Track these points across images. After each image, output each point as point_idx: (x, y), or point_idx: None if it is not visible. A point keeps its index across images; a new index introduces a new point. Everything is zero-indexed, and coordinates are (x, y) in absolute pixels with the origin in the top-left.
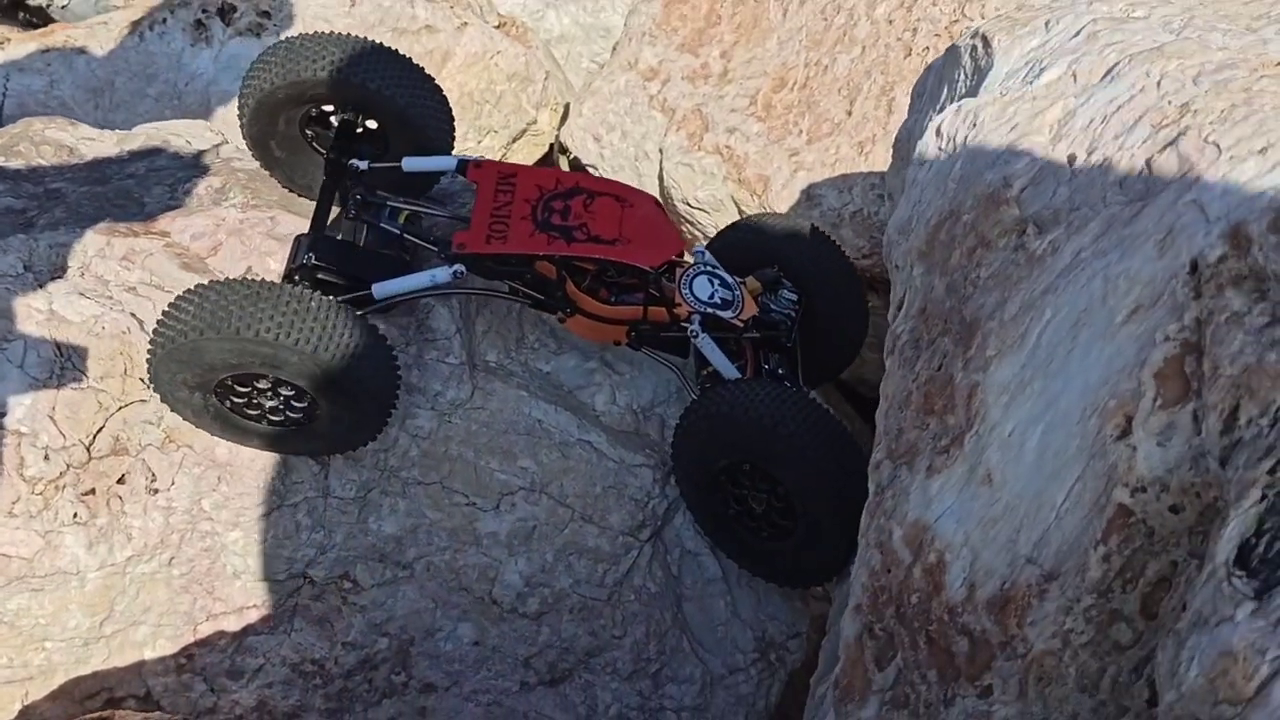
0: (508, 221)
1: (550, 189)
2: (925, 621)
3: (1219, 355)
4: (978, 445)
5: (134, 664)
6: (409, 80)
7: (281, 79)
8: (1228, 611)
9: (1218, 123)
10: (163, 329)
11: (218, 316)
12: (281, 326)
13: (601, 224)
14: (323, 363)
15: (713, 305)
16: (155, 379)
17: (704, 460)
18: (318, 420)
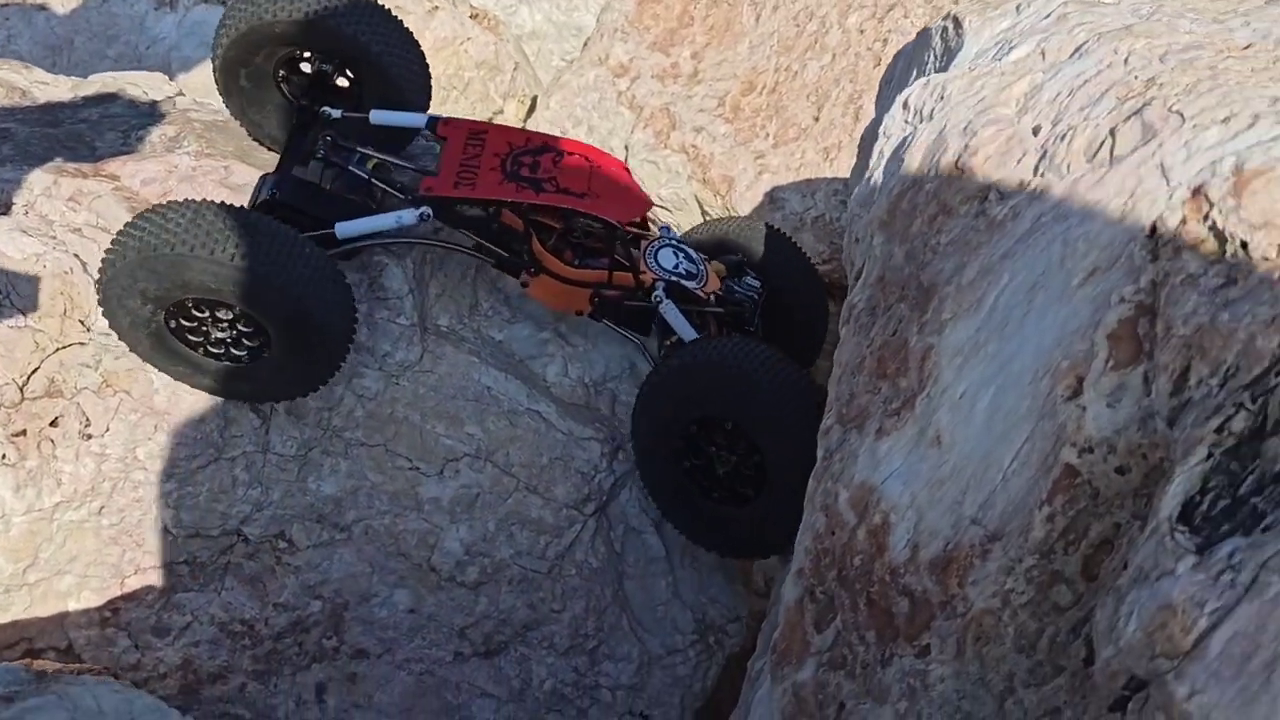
0: (476, 170)
1: (520, 145)
2: (867, 583)
3: (1172, 316)
4: (929, 407)
5: (56, 615)
6: (390, 33)
7: (268, 13)
8: (1169, 566)
9: (1183, 94)
10: (145, 234)
11: (213, 239)
12: (272, 260)
13: (570, 179)
14: (282, 290)
15: (677, 275)
16: (114, 279)
17: (685, 408)
18: (262, 362)
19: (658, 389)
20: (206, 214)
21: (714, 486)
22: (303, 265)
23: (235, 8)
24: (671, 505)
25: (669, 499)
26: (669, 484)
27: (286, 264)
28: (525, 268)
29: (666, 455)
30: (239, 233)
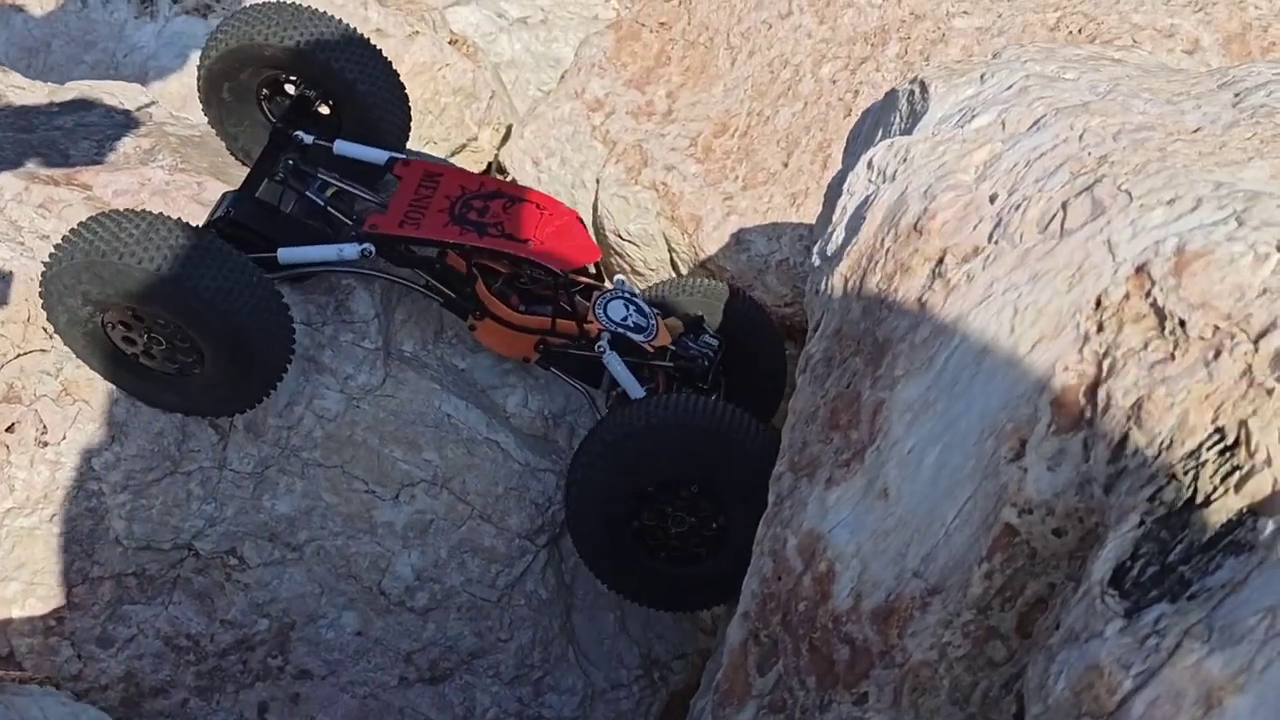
0: (424, 211)
1: (474, 189)
2: (810, 629)
3: (1113, 387)
4: (878, 460)
5: (0, 621)
6: (376, 73)
7: (261, 35)
8: (1098, 628)
9: (1132, 174)
10: (96, 238)
11: (159, 253)
12: (211, 279)
13: (517, 225)
14: (218, 309)
15: (624, 327)
16: (57, 277)
17: (645, 470)
18: (194, 377)
19: (612, 449)
20: (159, 228)
21: (663, 547)
22: (241, 287)
23: (230, 24)
24: (611, 565)
25: (607, 559)
26: (610, 544)
27: (224, 284)
28: (470, 311)
29: (613, 516)
30: (185, 249)
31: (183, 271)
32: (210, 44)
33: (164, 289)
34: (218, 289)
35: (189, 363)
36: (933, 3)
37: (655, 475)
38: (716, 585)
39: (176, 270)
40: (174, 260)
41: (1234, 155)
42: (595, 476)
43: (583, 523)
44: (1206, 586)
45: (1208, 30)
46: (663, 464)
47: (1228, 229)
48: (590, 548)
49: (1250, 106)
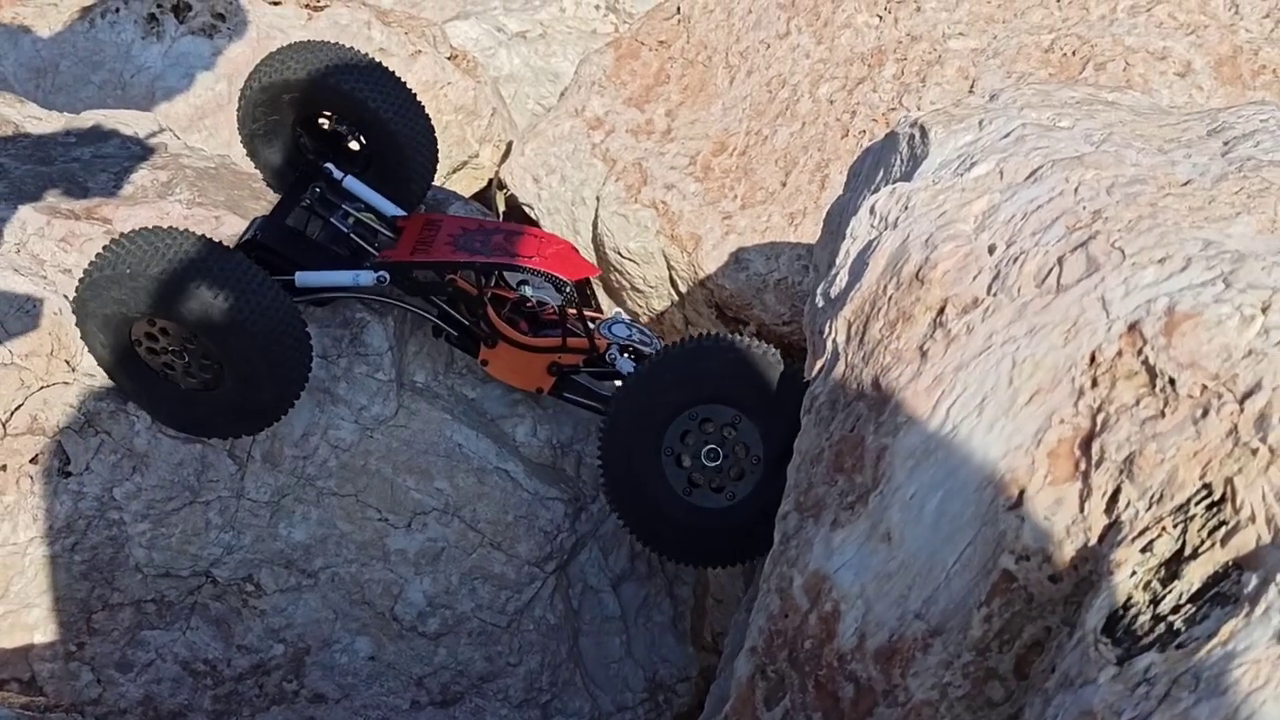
0: (431, 242)
1: (472, 228)
2: (816, 666)
3: (1107, 441)
4: (881, 504)
5: (22, 646)
6: (413, 123)
7: (304, 73)
8: (1091, 674)
9: (1125, 231)
10: (126, 253)
11: (188, 268)
12: (236, 295)
13: (518, 248)
14: (240, 324)
15: (631, 341)
16: (91, 288)
17: (686, 393)
18: (214, 394)
19: (649, 378)
20: (187, 244)
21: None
22: (263, 303)
23: (276, 59)
24: (677, 523)
25: (671, 518)
26: (669, 497)
27: (248, 300)
28: (483, 338)
29: (660, 460)
30: (211, 265)
31: (206, 284)
32: (254, 74)
33: (189, 303)
34: (240, 304)
35: (210, 379)
36: (929, 24)
37: (696, 398)
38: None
39: (201, 283)
40: (199, 273)
41: (1222, 210)
42: (631, 429)
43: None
44: (1194, 636)
45: (1199, 53)
46: (696, 389)
47: (1215, 290)
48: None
49: (1238, 158)
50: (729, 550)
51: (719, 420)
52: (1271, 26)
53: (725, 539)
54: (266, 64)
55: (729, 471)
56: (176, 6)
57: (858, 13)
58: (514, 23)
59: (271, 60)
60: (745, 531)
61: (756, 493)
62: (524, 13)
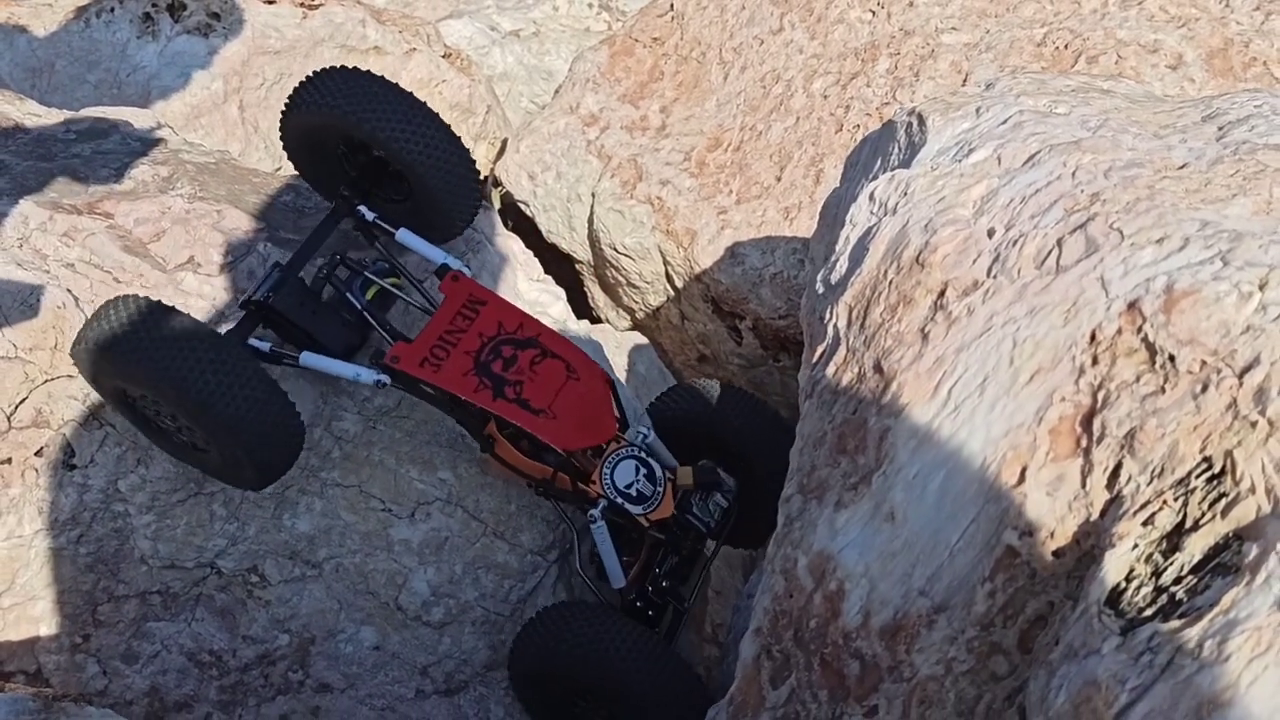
0: (450, 350)
1: (510, 330)
2: (821, 645)
3: (1108, 418)
4: (884, 484)
5: (28, 639)
6: (457, 173)
7: (355, 116)
8: (1095, 645)
9: (1123, 212)
10: (102, 326)
11: (149, 342)
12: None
13: (537, 389)
14: (213, 412)
15: (625, 496)
16: (78, 360)
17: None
18: (210, 454)
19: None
20: (153, 316)
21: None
22: (231, 384)
23: (308, 92)
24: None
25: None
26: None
27: (224, 387)
28: (478, 444)
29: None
30: (180, 345)
31: (172, 364)
32: (291, 102)
33: (150, 377)
34: (212, 391)
35: (198, 443)
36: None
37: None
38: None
39: (164, 361)
40: (156, 348)
41: (1218, 192)
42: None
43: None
44: (1196, 606)
45: (1191, 46)
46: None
47: (1213, 268)
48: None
49: (1233, 142)
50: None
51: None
52: (1262, 19)
53: None
54: (300, 96)
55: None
56: (171, 6)
57: (850, 8)
58: (507, 21)
59: (305, 94)
60: None
61: None
62: (517, 11)
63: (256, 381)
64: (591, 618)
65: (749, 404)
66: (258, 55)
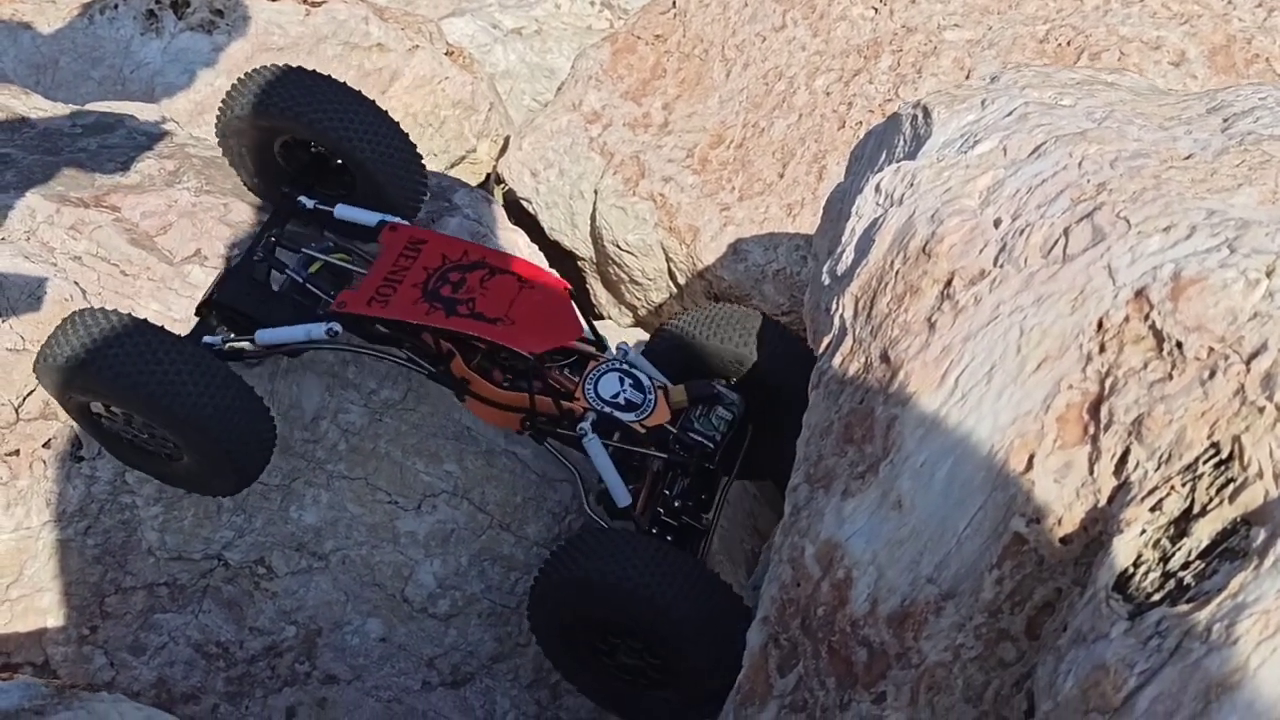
0: (397, 286)
1: (455, 259)
2: (829, 632)
3: (1115, 404)
4: (892, 473)
5: (35, 630)
6: (386, 142)
7: (268, 105)
8: (1104, 629)
9: (1129, 201)
10: (55, 339)
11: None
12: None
13: (490, 301)
14: (178, 410)
15: (613, 405)
16: (42, 377)
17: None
18: (182, 464)
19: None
20: (119, 326)
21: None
22: (191, 382)
23: (239, 90)
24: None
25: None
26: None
27: (171, 379)
28: (449, 387)
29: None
30: (144, 349)
31: (132, 371)
32: (222, 107)
33: (123, 390)
34: (161, 384)
35: (171, 450)
36: (924, 16)
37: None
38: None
39: (123, 369)
40: (120, 356)
41: (1224, 182)
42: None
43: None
44: (1204, 591)
45: (1193, 42)
46: (587, 609)
47: (1220, 256)
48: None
49: (1239, 133)
50: None
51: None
52: (1264, 15)
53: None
54: (230, 98)
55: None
56: (175, 3)
57: (853, 5)
58: (509, 19)
59: (235, 94)
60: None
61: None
62: (519, 9)
63: (217, 377)
64: (624, 541)
65: (775, 329)
66: (261, 52)
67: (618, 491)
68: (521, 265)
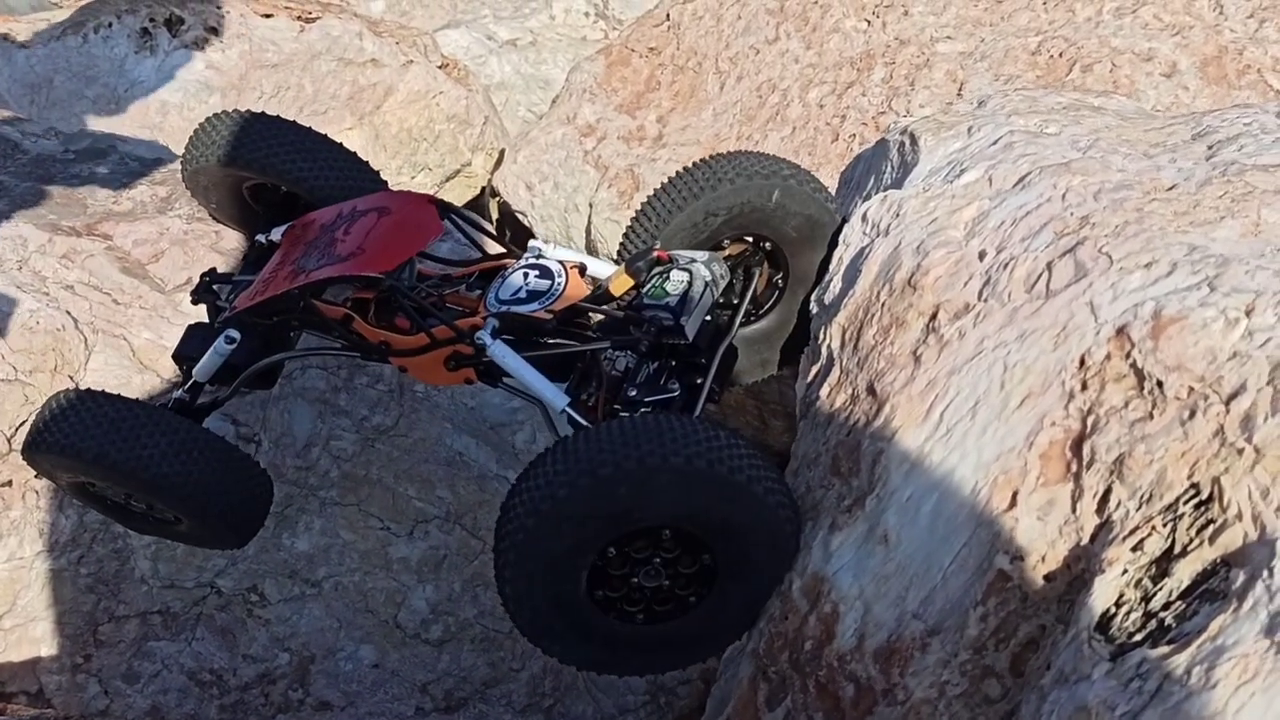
0: (279, 271)
1: (329, 222)
2: (816, 667)
3: (1097, 443)
4: (878, 507)
5: (29, 660)
6: (337, 170)
7: (221, 155)
8: (1086, 670)
9: (1111, 236)
10: (38, 421)
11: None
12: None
13: (348, 243)
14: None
15: (514, 301)
16: (29, 460)
17: (607, 525)
18: (180, 526)
19: (566, 503)
20: (89, 406)
21: (639, 607)
22: (177, 456)
23: (197, 145)
24: (572, 642)
25: (564, 636)
26: (566, 620)
27: (162, 457)
28: (372, 352)
29: (563, 590)
30: (116, 427)
31: (115, 450)
32: (183, 160)
33: (88, 467)
34: (138, 459)
35: (170, 519)
36: (917, 28)
37: (617, 530)
38: (725, 623)
39: (106, 448)
40: (94, 436)
41: (1207, 215)
42: (525, 557)
43: (532, 613)
44: (1184, 632)
45: (1185, 54)
46: (622, 517)
47: (1200, 294)
48: (543, 633)
49: (1222, 162)
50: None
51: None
52: (1255, 26)
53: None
54: (190, 152)
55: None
56: (169, 20)
57: (846, 17)
58: (504, 30)
59: (194, 151)
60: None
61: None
62: (514, 20)
63: (194, 445)
64: (669, 421)
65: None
66: (255, 69)
67: (546, 394)
68: (389, 197)
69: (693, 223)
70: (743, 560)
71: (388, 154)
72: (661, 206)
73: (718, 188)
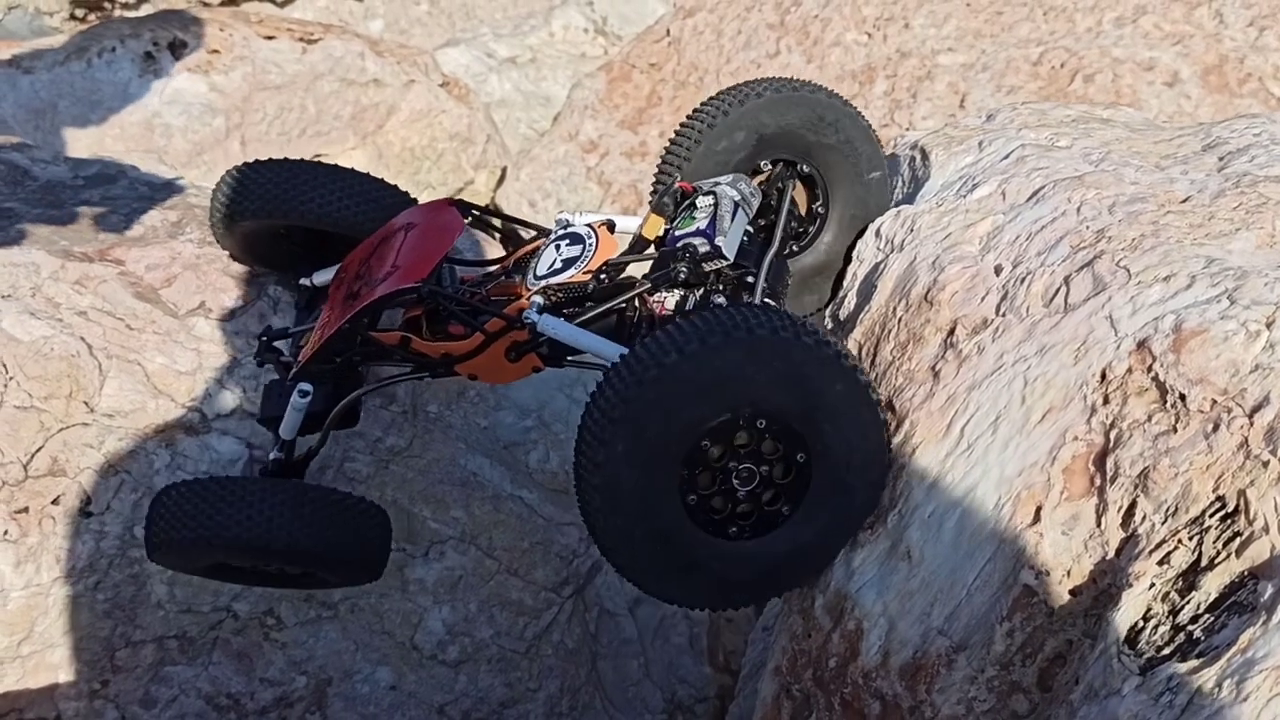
0: (331, 312)
1: (367, 253)
2: (841, 685)
3: (1121, 457)
4: (900, 524)
5: (47, 686)
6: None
7: (285, 206)
8: (1115, 685)
9: (1128, 250)
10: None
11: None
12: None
13: (384, 265)
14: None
15: (551, 273)
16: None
17: (702, 409)
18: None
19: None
20: (201, 495)
21: (732, 519)
22: (291, 521)
23: (223, 199)
24: (670, 568)
25: (664, 562)
26: (665, 538)
27: (279, 525)
28: (440, 369)
29: (660, 496)
30: (226, 509)
31: (239, 532)
32: (211, 216)
33: (213, 552)
34: (258, 533)
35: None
36: (917, 40)
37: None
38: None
39: (217, 532)
40: (210, 522)
41: (1222, 226)
42: (616, 457)
43: (626, 531)
44: (1214, 645)
45: (1186, 63)
46: (714, 402)
47: (1220, 307)
48: (644, 562)
49: (1235, 174)
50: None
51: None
52: (1256, 34)
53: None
54: (212, 208)
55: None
56: (172, 44)
57: (847, 31)
58: (504, 48)
59: (213, 205)
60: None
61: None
62: (513, 38)
63: (305, 505)
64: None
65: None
66: (259, 91)
67: (605, 350)
68: (413, 211)
69: (720, 147)
70: (839, 457)
71: (391, 173)
72: (683, 140)
73: (745, 103)
